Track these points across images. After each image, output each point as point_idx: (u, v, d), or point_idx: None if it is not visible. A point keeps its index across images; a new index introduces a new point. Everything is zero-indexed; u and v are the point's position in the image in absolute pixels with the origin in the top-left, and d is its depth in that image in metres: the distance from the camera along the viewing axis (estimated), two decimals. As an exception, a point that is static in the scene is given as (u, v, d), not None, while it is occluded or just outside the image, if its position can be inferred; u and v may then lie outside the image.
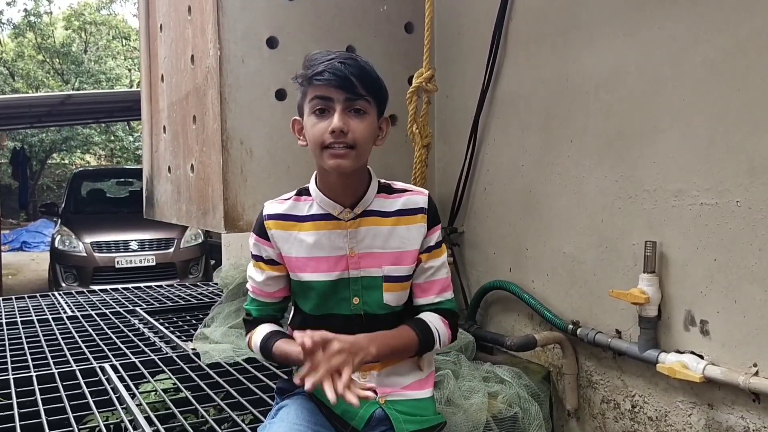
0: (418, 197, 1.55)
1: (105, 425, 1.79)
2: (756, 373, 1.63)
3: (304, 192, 1.55)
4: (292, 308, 1.64)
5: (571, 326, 2.16)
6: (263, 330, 1.56)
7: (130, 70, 20.53)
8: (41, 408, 1.91)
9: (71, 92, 13.81)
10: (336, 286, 1.50)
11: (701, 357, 1.76)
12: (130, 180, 10.17)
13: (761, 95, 1.61)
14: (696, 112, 1.77)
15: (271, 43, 2.50)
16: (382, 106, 1.49)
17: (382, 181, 1.56)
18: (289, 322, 1.65)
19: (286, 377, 1.61)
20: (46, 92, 16.59)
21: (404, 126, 2.54)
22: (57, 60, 19.18)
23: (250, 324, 1.62)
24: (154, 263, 8.03)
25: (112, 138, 19.19)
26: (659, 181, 1.88)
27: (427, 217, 1.53)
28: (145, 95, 3.56)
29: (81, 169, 13.26)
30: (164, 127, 3.23)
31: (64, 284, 7.70)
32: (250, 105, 2.47)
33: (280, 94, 2.51)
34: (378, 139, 1.50)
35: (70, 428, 1.78)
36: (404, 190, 1.55)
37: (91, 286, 6.74)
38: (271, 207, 1.55)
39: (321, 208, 1.51)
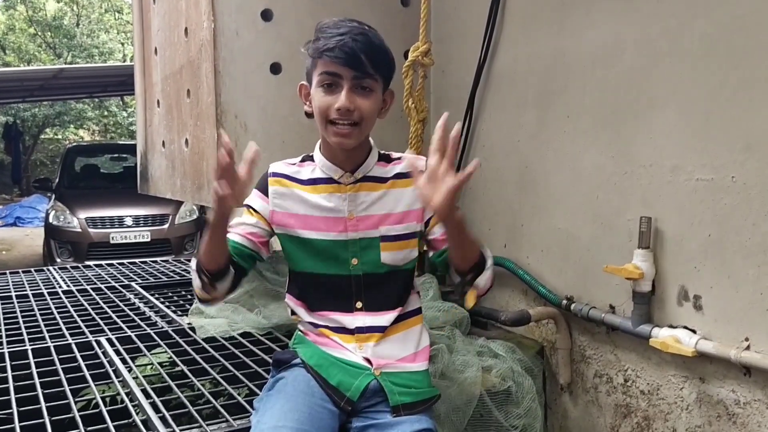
0: (417, 161, 1.58)
1: (101, 398, 1.80)
2: (747, 347, 1.65)
3: (308, 158, 1.61)
4: (288, 276, 1.65)
5: (565, 301, 2.17)
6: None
7: (123, 44, 20.29)
8: (37, 381, 1.92)
9: (64, 66, 13.67)
10: (335, 247, 1.53)
11: (694, 332, 1.78)
12: (124, 155, 10.11)
13: (757, 71, 1.60)
14: (693, 87, 1.76)
15: (266, 15, 2.48)
16: (389, 80, 1.54)
17: (383, 151, 1.62)
18: (286, 289, 1.66)
19: (282, 350, 1.62)
20: (38, 66, 16.41)
21: (400, 100, 2.52)
22: (49, 33, 18.94)
23: None
24: (149, 239, 8.02)
25: (106, 113, 19.06)
26: (655, 157, 1.88)
27: None
28: (138, 68, 3.53)
29: (75, 144, 13.15)
30: (158, 101, 3.20)
31: (58, 260, 7.69)
32: (244, 78, 2.45)
33: (275, 68, 2.49)
34: (381, 111, 1.55)
35: (66, 400, 1.79)
36: (401, 158, 1.61)
37: (85, 262, 6.76)
38: (277, 166, 1.61)
39: (323, 172, 1.56)
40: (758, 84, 1.60)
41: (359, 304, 1.55)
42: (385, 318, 1.55)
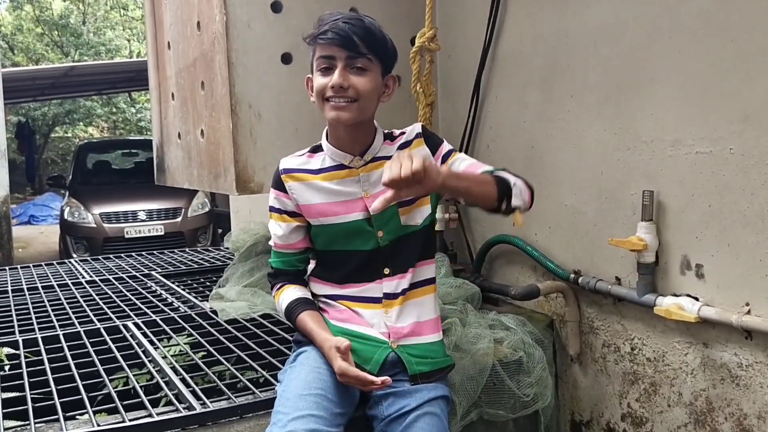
0: (411, 129, 1.67)
1: (133, 375, 1.90)
2: (748, 312, 1.72)
3: (316, 148, 1.67)
4: (312, 262, 1.75)
5: (572, 275, 2.24)
6: (290, 295, 1.67)
7: (129, 40, 20.38)
8: (71, 362, 2.02)
9: (74, 63, 13.79)
10: (359, 226, 1.61)
11: (696, 299, 1.85)
12: (135, 151, 10.25)
13: (753, 44, 1.66)
14: (691, 62, 1.83)
15: (276, 7, 2.55)
16: (387, 63, 1.58)
17: (386, 131, 1.68)
18: (308, 273, 1.75)
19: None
20: (47, 65, 16.53)
21: (408, 86, 2.59)
22: (56, 32, 19.04)
23: (273, 277, 1.75)
24: (162, 233, 8.17)
25: (114, 110, 19.18)
26: (656, 132, 1.94)
27: (425, 139, 1.64)
28: (152, 63, 3.61)
29: (86, 141, 13.29)
30: (172, 94, 3.29)
31: (75, 255, 7.83)
32: (257, 69, 2.52)
33: (286, 58, 2.56)
34: (384, 95, 1.60)
35: (101, 379, 1.89)
36: (402, 132, 1.68)
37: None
38: (287, 162, 1.67)
39: (333, 160, 1.62)
40: (754, 57, 1.66)
41: (387, 270, 1.63)
42: (405, 280, 1.63)
